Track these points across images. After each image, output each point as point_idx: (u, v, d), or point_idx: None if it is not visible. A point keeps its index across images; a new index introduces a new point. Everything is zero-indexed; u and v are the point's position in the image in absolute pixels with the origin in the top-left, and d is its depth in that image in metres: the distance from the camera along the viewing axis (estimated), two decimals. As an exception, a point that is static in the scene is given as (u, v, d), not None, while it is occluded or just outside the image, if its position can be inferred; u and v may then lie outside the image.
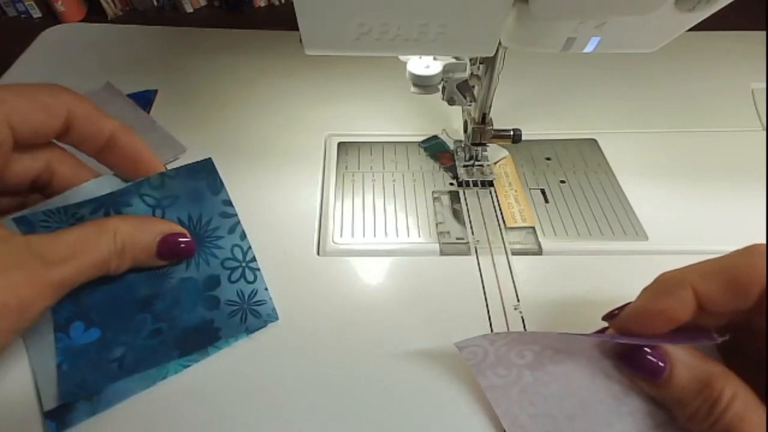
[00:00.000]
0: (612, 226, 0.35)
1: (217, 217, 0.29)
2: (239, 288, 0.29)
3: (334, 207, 0.36)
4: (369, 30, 0.24)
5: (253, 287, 0.29)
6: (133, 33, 0.56)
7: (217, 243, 0.29)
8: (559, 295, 0.31)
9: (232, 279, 0.29)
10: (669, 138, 0.42)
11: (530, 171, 0.39)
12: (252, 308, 0.28)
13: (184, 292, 0.28)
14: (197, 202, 0.28)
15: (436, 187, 0.38)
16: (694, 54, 0.50)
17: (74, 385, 0.25)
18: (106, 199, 0.27)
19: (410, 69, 0.34)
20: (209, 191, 0.29)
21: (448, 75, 0.34)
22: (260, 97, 0.46)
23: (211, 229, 0.29)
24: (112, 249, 0.24)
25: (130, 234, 0.25)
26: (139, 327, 0.27)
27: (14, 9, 0.65)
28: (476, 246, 0.34)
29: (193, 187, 0.28)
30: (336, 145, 0.41)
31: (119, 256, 0.25)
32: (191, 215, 0.28)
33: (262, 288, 0.29)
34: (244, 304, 0.28)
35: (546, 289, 0.31)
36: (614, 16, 0.23)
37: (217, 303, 0.28)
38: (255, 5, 0.66)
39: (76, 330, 0.26)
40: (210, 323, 0.27)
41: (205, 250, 0.29)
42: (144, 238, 0.26)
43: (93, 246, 0.24)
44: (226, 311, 0.28)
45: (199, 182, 0.28)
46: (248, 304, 0.28)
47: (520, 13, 0.23)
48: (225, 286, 0.29)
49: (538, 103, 0.45)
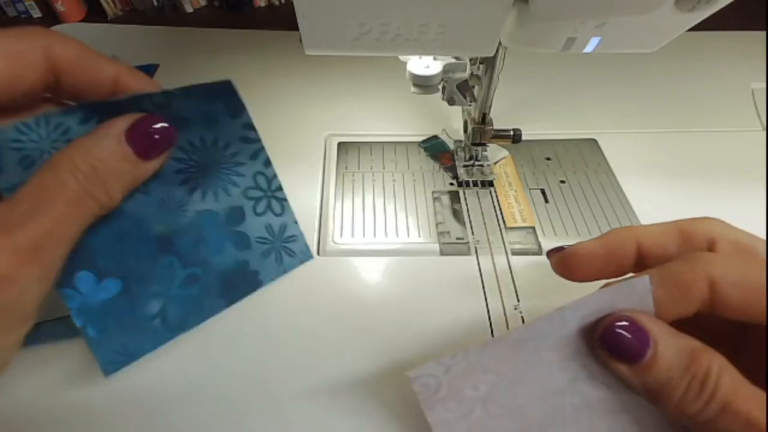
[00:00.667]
0: (612, 226, 0.35)
1: (237, 141, 0.25)
2: (267, 222, 0.26)
3: (334, 207, 0.36)
4: (369, 30, 0.24)
5: (282, 221, 0.26)
6: (133, 33, 0.56)
7: (237, 170, 0.25)
8: (559, 295, 0.31)
9: (257, 211, 0.26)
10: (669, 138, 0.42)
11: (530, 171, 0.39)
12: (285, 246, 0.26)
13: (206, 226, 0.25)
14: (211, 125, 0.24)
15: (436, 187, 0.38)
16: (694, 54, 0.50)
17: (114, 352, 0.22)
18: (98, 107, 0.21)
19: (410, 69, 0.34)
20: (227, 114, 0.24)
21: (448, 75, 0.34)
22: (260, 97, 0.46)
23: (228, 154, 0.25)
24: (80, 178, 0.19)
25: (88, 149, 0.20)
26: (168, 274, 0.23)
27: (14, 9, 0.66)
28: (476, 246, 0.34)
29: (206, 109, 0.23)
30: (336, 145, 0.41)
31: (95, 181, 0.20)
32: (204, 138, 0.24)
33: (292, 221, 0.27)
34: (276, 241, 0.26)
35: (546, 289, 0.31)
36: (614, 16, 0.23)
37: (247, 241, 0.25)
38: (255, 5, 0.66)
39: (83, 282, 0.22)
40: (245, 265, 0.25)
41: (223, 178, 0.25)
42: (108, 145, 0.20)
43: (55, 186, 0.19)
44: (258, 250, 0.26)
45: (214, 104, 0.23)
46: (280, 241, 0.26)
47: (520, 13, 0.23)
48: (251, 220, 0.26)
49: (538, 103, 0.45)
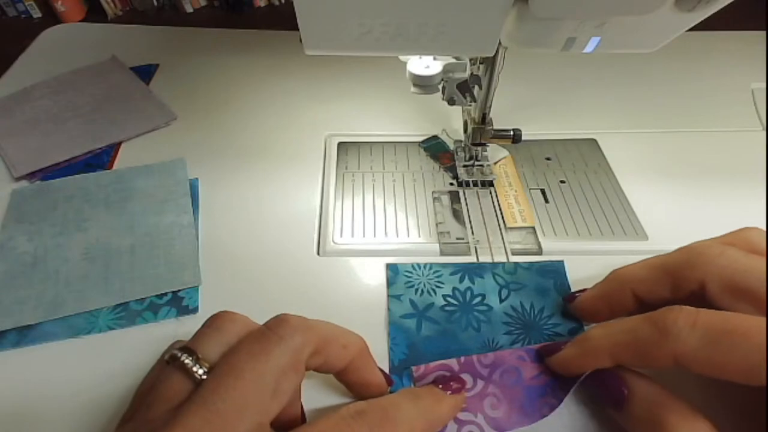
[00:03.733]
0: (612, 226, 0.35)
1: (558, 314, 0.29)
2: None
3: (334, 207, 0.36)
4: (369, 30, 0.24)
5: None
6: (133, 33, 0.56)
7: (548, 330, 0.29)
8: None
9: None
10: (669, 138, 0.42)
11: (530, 171, 0.39)
12: None
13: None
14: (542, 296, 0.30)
15: (436, 187, 0.38)
16: (694, 54, 0.50)
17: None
18: (465, 266, 0.31)
19: (410, 69, 0.33)
20: (555, 290, 0.30)
21: (448, 75, 0.34)
22: (260, 97, 0.46)
23: (546, 316, 0.29)
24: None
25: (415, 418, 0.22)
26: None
27: (14, 9, 0.66)
28: (476, 246, 0.34)
29: (541, 282, 0.30)
30: (336, 145, 0.41)
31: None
32: (533, 304, 0.29)
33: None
34: None
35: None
36: (614, 16, 0.23)
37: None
38: (255, 5, 0.66)
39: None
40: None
41: (535, 335, 0.29)
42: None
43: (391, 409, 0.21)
44: None
45: (547, 280, 0.30)
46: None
47: (520, 13, 0.23)
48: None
49: (538, 103, 0.45)
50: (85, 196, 0.37)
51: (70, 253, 0.34)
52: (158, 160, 0.40)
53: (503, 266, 0.30)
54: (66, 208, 0.37)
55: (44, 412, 0.26)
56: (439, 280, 0.30)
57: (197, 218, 0.36)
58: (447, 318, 0.29)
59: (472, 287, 0.30)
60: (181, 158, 0.40)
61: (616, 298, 0.26)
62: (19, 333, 0.30)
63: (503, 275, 0.30)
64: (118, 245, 0.34)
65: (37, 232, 0.35)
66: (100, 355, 0.29)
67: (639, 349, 0.21)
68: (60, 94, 0.47)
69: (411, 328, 0.28)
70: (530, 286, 0.30)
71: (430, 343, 0.28)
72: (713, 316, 0.19)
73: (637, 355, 0.21)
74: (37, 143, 0.42)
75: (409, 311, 0.29)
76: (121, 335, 0.30)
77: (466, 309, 0.29)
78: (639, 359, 0.21)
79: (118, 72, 0.49)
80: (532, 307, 0.29)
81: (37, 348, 0.29)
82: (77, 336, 0.30)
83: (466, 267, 0.31)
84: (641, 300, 0.25)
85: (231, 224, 0.35)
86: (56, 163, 0.40)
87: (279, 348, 0.20)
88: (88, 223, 0.36)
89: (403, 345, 0.27)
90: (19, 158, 0.40)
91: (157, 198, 0.37)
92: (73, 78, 0.49)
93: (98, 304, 0.31)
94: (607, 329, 0.23)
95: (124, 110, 0.45)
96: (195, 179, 0.38)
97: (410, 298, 0.30)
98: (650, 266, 0.25)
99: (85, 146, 0.41)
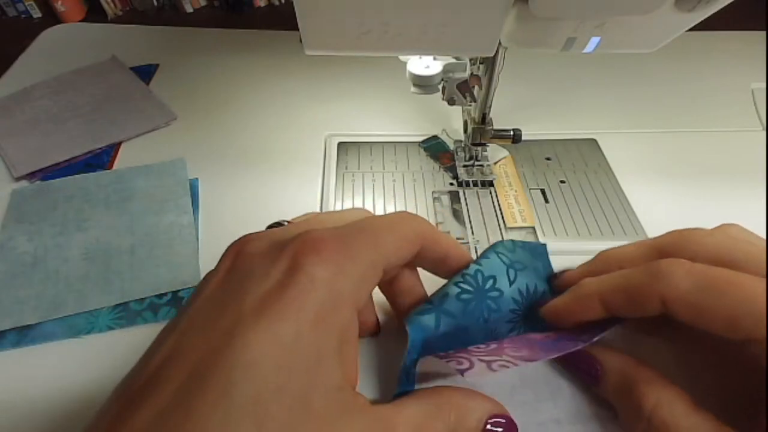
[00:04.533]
0: (612, 226, 0.35)
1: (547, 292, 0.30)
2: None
3: (334, 207, 0.36)
4: (369, 30, 0.24)
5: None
6: (133, 33, 0.56)
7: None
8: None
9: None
10: (669, 138, 0.42)
11: (530, 171, 0.39)
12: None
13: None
14: (536, 277, 0.29)
15: (436, 187, 0.38)
16: (694, 54, 0.50)
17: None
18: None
19: (410, 69, 0.34)
20: (543, 271, 0.30)
21: (448, 75, 0.34)
22: (260, 97, 0.46)
23: (545, 302, 0.29)
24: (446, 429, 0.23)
25: (462, 409, 0.23)
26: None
27: (14, 9, 0.66)
28: (476, 246, 0.34)
29: (534, 264, 0.30)
30: (336, 145, 0.41)
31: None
32: (530, 287, 0.29)
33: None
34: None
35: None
36: (614, 16, 0.23)
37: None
38: (255, 5, 0.66)
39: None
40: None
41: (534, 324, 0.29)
42: (473, 417, 0.24)
43: (431, 427, 0.22)
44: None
45: (537, 261, 0.30)
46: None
47: (520, 13, 0.23)
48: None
49: (538, 103, 0.45)
50: (85, 196, 0.37)
51: (70, 253, 0.34)
52: (158, 160, 0.40)
53: (503, 244, 0.29)
54: (66, 208, 0.37)
55: (44, 412, 0.26)
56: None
57: (197, 218, 0.36)
58: (463, 309, 0.27)
59: (482, 269, 0.28)
60: (181, 158, 0.40)
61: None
62: (19, 333, 0.30)
63: (506, 254, 0.29)
64: (118, 245, 0.34)
65: (37, 232, 0.35)
66: (100, 355, 0.29)
67: (629, 293, 0.22)
68: (60, 94, 0.47)
69: (429, 325, 0.27)
70: (529, 266, 0.30)
71: (445, 340, 0.27)
72: (710, 268, 0.20)
73: (627, 299, 0.22)
74: (37, 143, 0.42)
75: (426, 306, 0.27)
76: (121, 335, 0.30)
77: (480, 296, 0.28)
78: (629, 303, 0.22)
79: (118, 72, 0.50)
80: (532, 290, 0.29)
81: (37, 348, 0.29)
82: (77, 336, 0.30)
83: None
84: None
85: (231, 224, 0.35)
86: (56, 163, 0.40)
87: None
88: (88, 223, 0.36)
89: (419, 345, 0.26)
90: (19, 158, 0.40)
91: (157, 198, 0.37)
92: (73, 78, 0.49)
93: (98, 304, 0.31)
94: (600, 277, 0.24)
95: (124, 110, 0.45)
96: (195, 179, 0.38)
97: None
98: (638, 245, 0.25)
99: (85, 146, 0.41)
